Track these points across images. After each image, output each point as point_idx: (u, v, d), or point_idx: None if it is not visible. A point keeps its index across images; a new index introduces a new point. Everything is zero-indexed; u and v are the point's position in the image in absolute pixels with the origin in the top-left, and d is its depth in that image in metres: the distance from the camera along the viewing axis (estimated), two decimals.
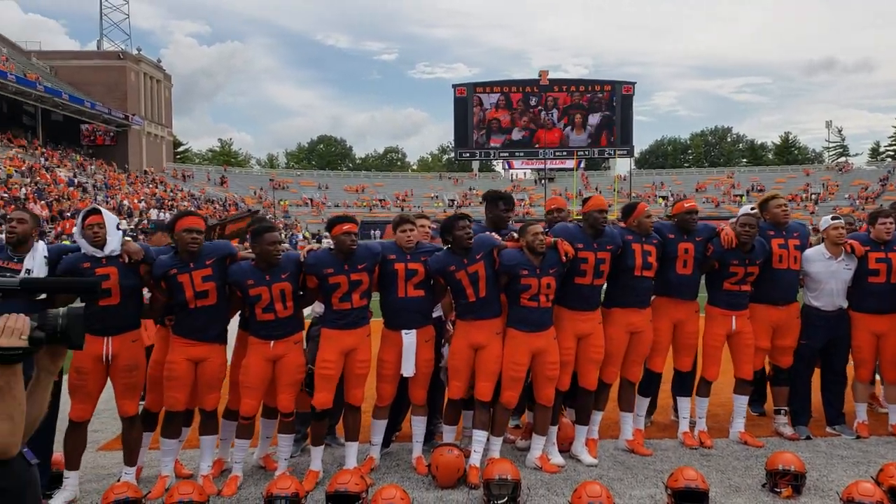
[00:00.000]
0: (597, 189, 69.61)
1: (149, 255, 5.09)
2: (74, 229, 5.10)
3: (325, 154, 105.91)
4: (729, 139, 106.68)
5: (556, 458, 5.57)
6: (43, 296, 4.20)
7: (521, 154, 76.06)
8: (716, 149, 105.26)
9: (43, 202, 36.29)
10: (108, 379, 5.10)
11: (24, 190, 38.02)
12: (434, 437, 6.08)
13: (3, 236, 5.35)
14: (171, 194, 57.79)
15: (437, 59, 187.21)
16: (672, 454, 5.87)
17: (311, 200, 70.11)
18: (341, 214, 5.74)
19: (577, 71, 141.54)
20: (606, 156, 78.28)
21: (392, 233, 5.70)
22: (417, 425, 5.68)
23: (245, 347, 5.44)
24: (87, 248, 4.92)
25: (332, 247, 5.36)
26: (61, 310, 2.18)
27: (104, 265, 4.91)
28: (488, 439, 5.49)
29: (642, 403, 6.18)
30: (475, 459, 5.32)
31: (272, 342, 5.22)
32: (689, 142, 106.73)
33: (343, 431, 5.64)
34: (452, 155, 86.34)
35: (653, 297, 6.13)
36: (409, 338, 5.45)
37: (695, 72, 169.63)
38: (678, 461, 5.60)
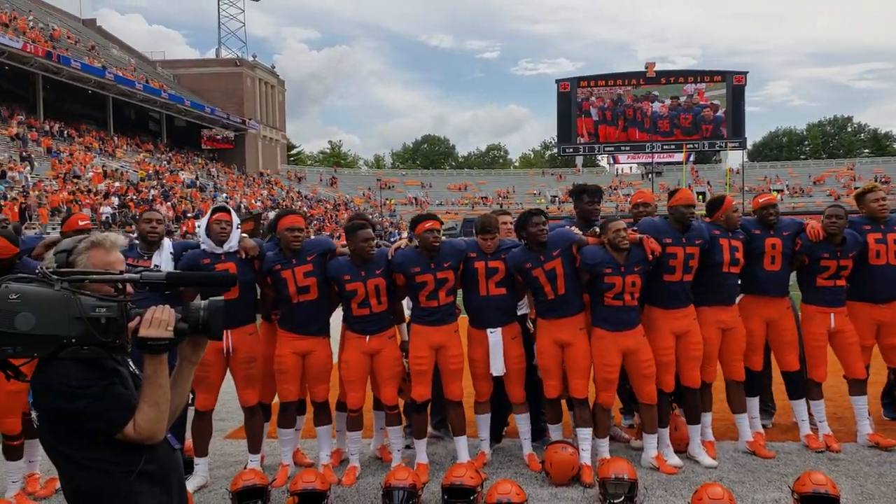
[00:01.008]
0: (708, 183, 67.17)
1: (262, 250, 5.30)
2: (199, 225, 5.34)
3: (429, 153, 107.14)
4: (849, 129, 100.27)
5: (674, 459, 5.44)
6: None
7: (627, 148, 74.25)
8: (835, 139, 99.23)
9: (168, 203, 38.54)
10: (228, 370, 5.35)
11: (152, 192, 40.51)
12: (544, 434, 6.07)
13: (135, 234, 5.71)
14: (286, 195, 60.01)
15: (540, 55, 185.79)
16: (796, 458, 5.61)
17: (416, 199, 71.12)
18: (425, 213, 5.80)
19: (685, 62, 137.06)
20: (717, 148, 75.26)
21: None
22: (522, 423, 5.67)
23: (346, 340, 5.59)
24: (208, 244, 5.15)
25: (418, 245, 5.40)
26: (202, 302, 2.29)
27: (223, 261, 5.16)
28: (595, 438, 5.43)
29: (752, 404, 5.93)
30: (584, 458, 5.27)
31: (368, 337, 5.35)
32: (805, 132, 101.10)
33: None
34: (555, 151, 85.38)
35: (741, 296, 5.89)
36: (495, 336, 5.45)
37: (811, 59, 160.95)
38: (803, 465, 5.35)
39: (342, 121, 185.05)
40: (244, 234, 5.37)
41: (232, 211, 5.28)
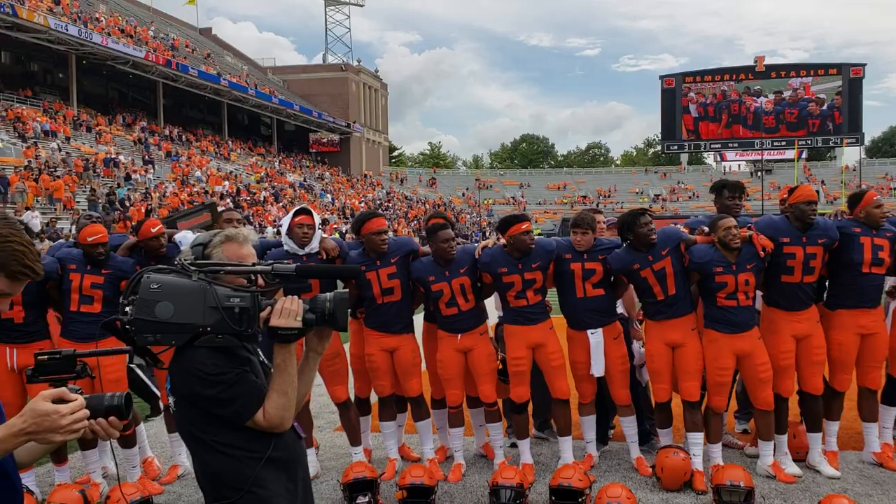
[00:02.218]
0: (822, 182, 63.66)
1: (343, 250, 5.38)
2: (280, 225, 5.46)
3: (528, 152, 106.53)
4: None
5: (792, 468, 5.19)
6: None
7: (735, 145, 71.35)
8: None
9: (279, 204, 40.05)
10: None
11: (263, 193, 42.22)
12: (652, 438, 5.93)
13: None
14: (388, 196, 61.19)
15: (642, 52, 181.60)
16: None
17: (514, 199, 70.93)
18: (517, 213, 5.73)
19: (797, 55, 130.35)
20: (832, 144, 71.23)
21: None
22: (628, 426, 5.54)
23: (432, 339, 5.63)
24: (289, 245, 5.22)
25: (504, 245, 5.33)
26: (328, 294, 2.34)
27: (305, 262, 5.21)
28: (706, 444, 5.24)
29: (888, 414, 5.55)
30: (696, 463, 5.11)
31: (459, 335, 5.36)
32: None
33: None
34: (659, 148, 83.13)
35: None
36: (596, 337, 5.34)
37: None
38: None
39: (441, 122, 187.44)
40: (325, 236, 5.47)
41: (314, 213, 5.35)
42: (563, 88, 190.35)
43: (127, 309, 2.19)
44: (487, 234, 41.62)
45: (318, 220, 5.34)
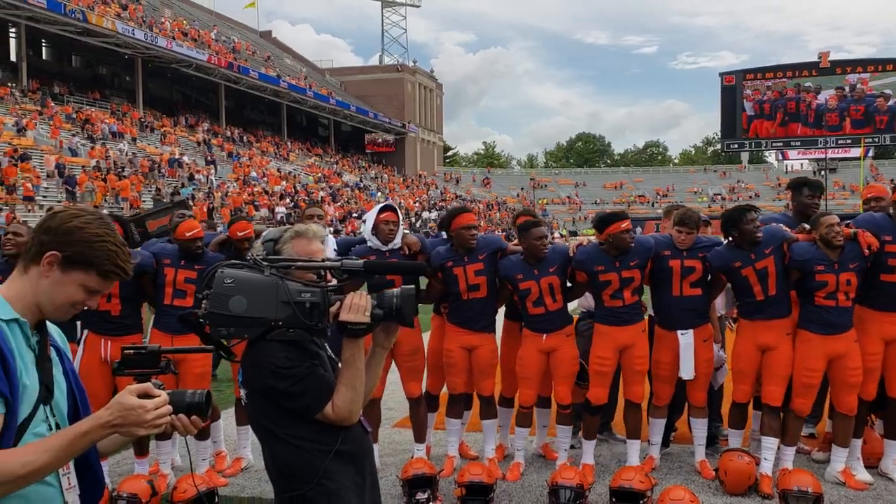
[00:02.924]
0: (891, 181, 61.26)
1: (424, 246, 5.41)
2: (365, 222, 5.52)
3: (584, 151, 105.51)
4: None
5: (863, 475, 5.02)
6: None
7: (798, 143, 69.18)
8: None
9: (337, 204, 40.61)
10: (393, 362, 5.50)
11: (321, 193, 42.86)
12: (716, 441, 5.81)
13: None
14: (442, 196, 61.39)
15: (701, 49, 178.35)
16: None
17: (569, 199, 70.36)
18: (618, 210, 5.64)
19: (863, 50, 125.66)
20: None
21: (667, 227, 5.51)
22: (698, 428, 5.43)
23: (512, 337, 5.60)
24: (373, 241, 5.27)
25: (601, 242, 5.27)
26: (395, 290, 2.38)
27: (387, 258, 5.26)
28: (779, 447, 5.11)
29: None
30: (766, 468, 4.98)
31: (544, 335, 5.30)
32: None
33: (619, 427, 5.59)
34: (719, 147, 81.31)
35: None
36: (686, 338, 5.22)
37: None
38: None
39: (496, 121, 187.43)
40: (406, 231, 5.50)
41: (398, 209, 5.42)
42: (619, 87, 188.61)
43: (203, 303, 2.26)
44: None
45: (401, 217, 5.39)
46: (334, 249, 5.56)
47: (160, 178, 34.15)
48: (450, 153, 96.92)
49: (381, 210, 5.31)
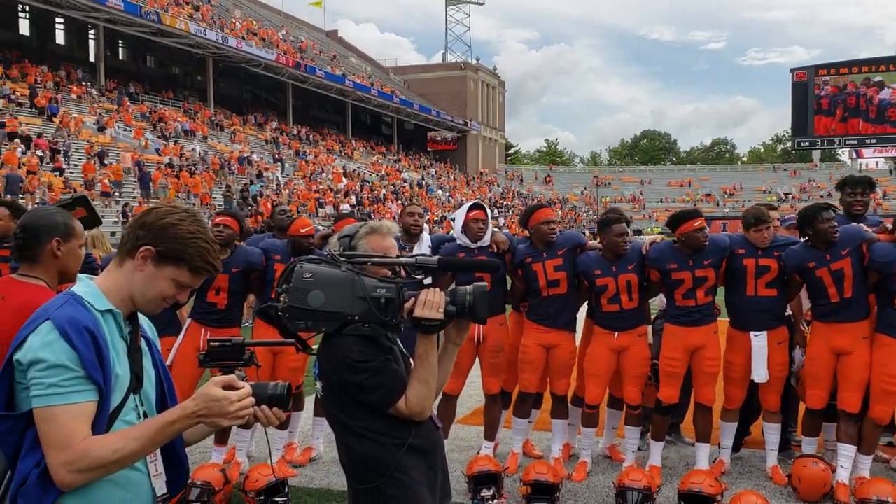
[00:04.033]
0: None
1: (512, 244, 5.40)
2: (456, 220, 5.55)
3: (649, 149, 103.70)
4: None
5: None
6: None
7: (874, 141, 66.29)
8: None
9: (399, 202, 40.97)
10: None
11: (383, 191, 43.32)
12: (790, 447, 5.64)
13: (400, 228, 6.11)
14: (503, 193, 61.26)
15: (771, 44, 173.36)
16: None
17: (633, 197, 69.25)
18: (689, 209, 5.53)
19: None
20: None
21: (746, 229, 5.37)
22: (771, 433, 5.29)
23: (590, 335, 5.55)
24: (463, 239, 5.29)
25: (674, 241, 5.19)
26: (468, 287, 2.38)
27: (476, 255, 5.29)
28: (855, 456, 4.93)
29: None
30: (843, 476, 4.81)
31: (616, 333, 5.24)
32: None
33: (688, 429, 5.48)
34: (789, 144, 78.70)
35: None
36: (760, 340, 5.07)
37: None
38: None
39: (558, 119, 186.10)
40: (496, 230, 5.50)
41: (486, 208, 5.41)
42: (685, 83, 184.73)
43: (282, 297, 2.32)
44: None
45: (489, 215, 5.42)
46: (429, 246, 5.63)
47: (230, 176, 35.08)
48: (511, 151, 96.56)
49: (471, 208, 5.32)
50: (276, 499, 4.63)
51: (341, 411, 2.43)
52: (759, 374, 5.08)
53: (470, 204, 5.38)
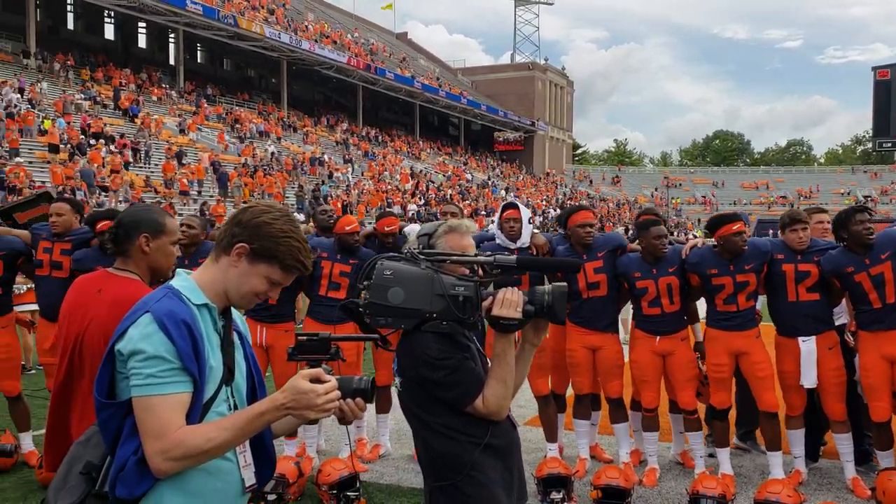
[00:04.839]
0: None
1: (552, 246, 5.36)
2: (494, 220, 5.56)
3: (721, 150, 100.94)
4: None
5: None
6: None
7: None
8: None
9: (465, 202, 41.08)
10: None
11: (450, 191, 43.50)
12: (871, 459, 5.43)
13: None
14: (569, 194, 60.69)
15: (851, 41, 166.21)
16: None
17: (704, 198, 67.58)
18: (729, 212, 5.41)
19: None
20: None
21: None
22: (843, 443, 5.10)
23: (635, 342, 5.46)
24: (501, 239, 5.29)
25: (714, 245, 5.06)
26: (547, 287, 2.38)
27: (486, 256, 5.27)
28: None
29: None
30: None
31: (658, 338, 5.17)
32: None
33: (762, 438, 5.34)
34: (870, 146, 75.35)
35: None
36: (808, 345, 4.93)
37: None
38: None
39: (627, 118, 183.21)
40: (536, 231, 5.48)
41: (522, 207, 5.39)
42: (759, 82, 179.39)
43: (363, 293, 2.37)
44: (676, 234, 39.93)
45: (525, 214, 5.40)
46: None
47: (302, 176, 35.84)
48: (579, 151, 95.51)
49: (505, 208, 5.34)
50: (349, 493, 4.72)
51: (419, 407, 2.46)
52: (809, 378, 4.94)
53: (505, 204, 5.37)
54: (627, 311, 6.30)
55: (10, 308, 5.67)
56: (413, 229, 5.82)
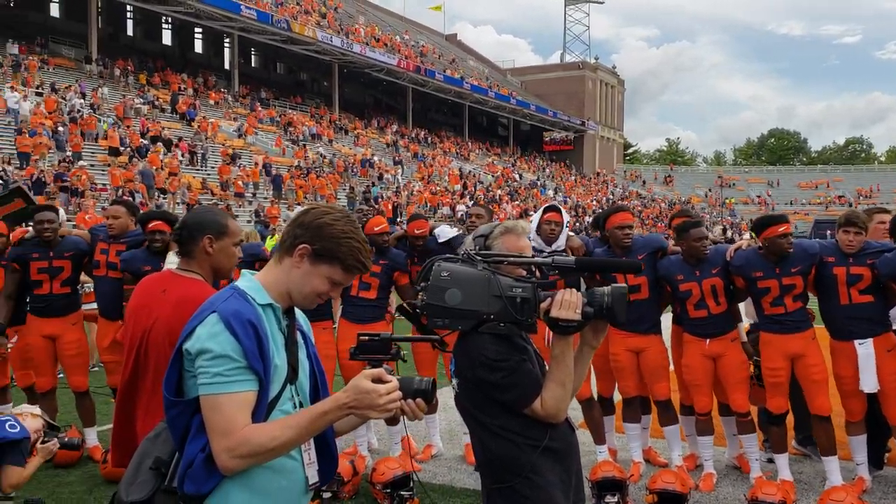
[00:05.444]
0: None
1: (588, 249, 5.29)
2: (532, 222, 5.52)
3: (776, 148, 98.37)
4: None
5: None
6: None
7: None
8: None
9: (515, 203, 40.97)
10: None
11: (498, 192, 43.42)
12: None
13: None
14: (620, 193, 59.96)
15: None
16: None
17: (759, 198, 65.99)
18: (776, 214, 5.27)
19: None
20: None
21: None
22: None
23: (678, 342, 5.39)
24: (537, 241, 5.20)
25: (760, 247, 4.93)
26: (606, 288, 2.35)
27: (544, 257, 5.21)
28: None
29: None
30: None
31: (707, 340, 5.07)
32: None
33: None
34: None
35: None
36: (865, 348, 4.76)
37: None
38: None
39: (679, 117, 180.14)
40: (571, 233, 5.41)
41: (562, 210, 5.33)
42: (816, 79, 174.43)
43: (420, 294, 2.38)
44: (730, 235, 38.99)
45: (566, 217, 5.36)
46: None
47: (353, 178, 36.22)
48: (630, 150, 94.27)
49: (546, 210, 5.28)
50: (402, 492, 4.76)
51: (476, 408, 2.45)
52: (868, 383, 4.77)
53: (546, 206, 5.31)
54: None
55: (79, 306, 5.89)
56: (443, 230, 5.83)
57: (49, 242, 5.54)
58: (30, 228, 6.20)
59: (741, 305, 5.41)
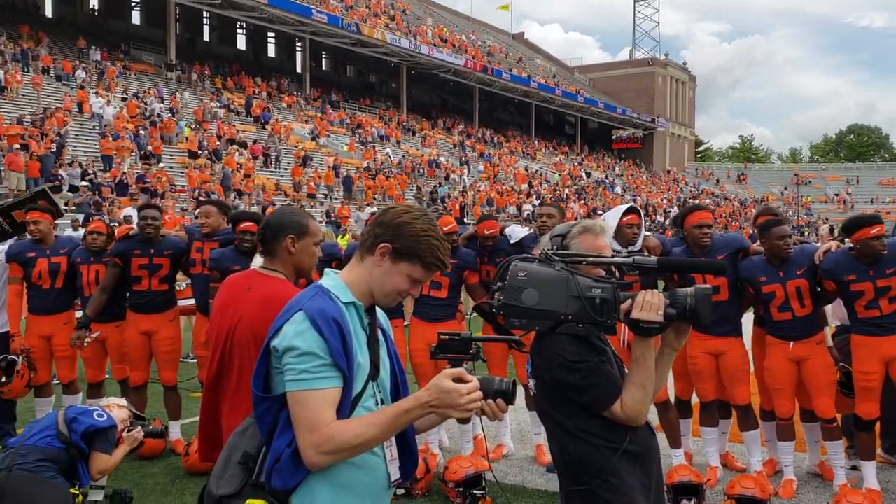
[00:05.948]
0: None
1: (665, 248, 5.18)
2: (607, 222, 5.41)
3: (856, 145, 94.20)
4: None
5: None
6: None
7: None
8: None
9: (582, 202, 40.52)
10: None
11: (566, 190, 43.03)
12: None
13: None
14: (691, 191, 58.59)
15: None
16: None
17: (837, 196, 63.40)
18: (867, 215, 5.03)
19: None
20: None
21: None
22: None
23: (761, 344, 5.23)
24: (613, 243, 5.03)
25: (851, 248, 4.73)
26: (689, 290, 2.31)
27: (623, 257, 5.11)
28: None
29: None
30: None
31: (791, 343, 4.89)
32: None
33: None
34: None
35: None
36: None
37: None
38: None
39: (752, 113, 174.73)
40: (648, 234, 5.31)
41: (640, 212, 5.22)
42: None
43: (496, 294, 2.38)
44: (807, 234, 37.53)
45: (643, 218, 5.29)
46: None
47: (420, 178, 36.49)
48: (701, 148, 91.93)
49: (625, 212, 5.15)
50: (475, 491, 4.78)
51: (554, 409, 2.44)
52: None
53: (626, 207, 5.15)
54: None
55: (175, 303, 6.14)
56: (514, 230, 5.81)
57: (151, 240, 5.77)
58: (134, 226, 6.47)
59: (827, 308, 5.22)
